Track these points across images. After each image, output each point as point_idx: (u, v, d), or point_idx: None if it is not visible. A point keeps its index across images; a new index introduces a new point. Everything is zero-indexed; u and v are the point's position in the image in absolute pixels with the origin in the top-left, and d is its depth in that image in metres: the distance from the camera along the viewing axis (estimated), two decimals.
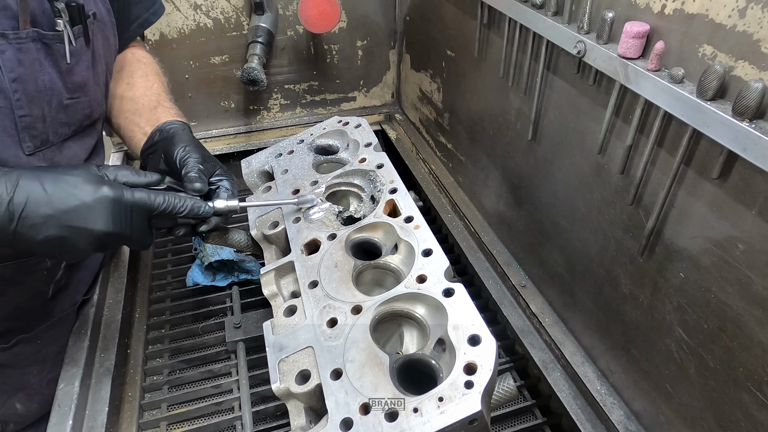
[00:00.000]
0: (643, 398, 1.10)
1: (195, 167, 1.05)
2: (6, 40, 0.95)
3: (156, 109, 1.24)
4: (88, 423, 1.12)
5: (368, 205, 1.16)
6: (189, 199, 1.00)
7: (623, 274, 1.08)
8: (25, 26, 0.97)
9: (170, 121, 1.19)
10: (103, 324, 1.34)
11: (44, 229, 0.86)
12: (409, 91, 2.18)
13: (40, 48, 1.00)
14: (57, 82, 1.05)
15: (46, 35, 1.00)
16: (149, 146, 1.17)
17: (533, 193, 1.38)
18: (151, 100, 1.26)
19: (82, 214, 0.88)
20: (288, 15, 1.99)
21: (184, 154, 1.08)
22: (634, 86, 0.91)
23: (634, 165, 1.00)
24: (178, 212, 0.98)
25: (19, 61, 0.97)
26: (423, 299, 0.92)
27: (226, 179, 1.11)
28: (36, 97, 1.02)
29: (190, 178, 1.04)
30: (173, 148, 1.09)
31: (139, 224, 0.95)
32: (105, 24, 1.18)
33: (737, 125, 0.73)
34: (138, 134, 1.20)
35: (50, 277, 1.24)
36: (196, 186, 1.03)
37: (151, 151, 1.16)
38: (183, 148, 1.09)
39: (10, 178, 0.85)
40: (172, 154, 1.08)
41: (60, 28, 1.01)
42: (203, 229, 1.07)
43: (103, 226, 0.89)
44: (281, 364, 0.89)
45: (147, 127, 1.19)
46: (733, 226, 0.83)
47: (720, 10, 0.79)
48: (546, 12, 1.13)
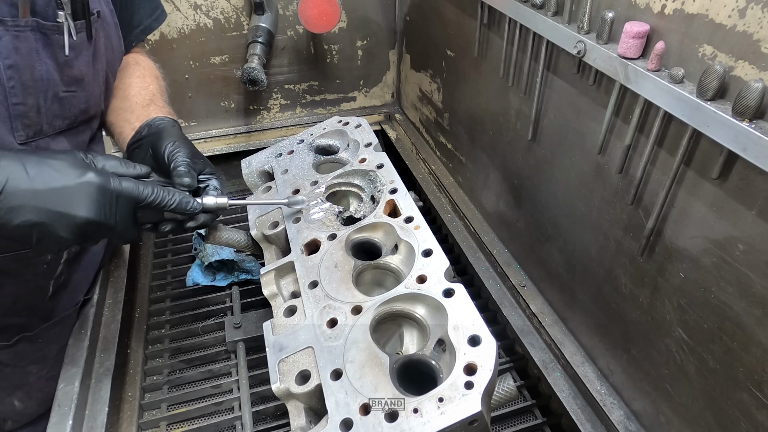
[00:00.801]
0: (643, 398, 1.10)
1: (184, 162, 1.04)
2: (4, 26, 0.95)
3: (148, 106, 1.23)
4: (88, 423, 1.13)
5: (368, 205, 1.16)
6: (177, 194, 0.98)
7: (623, 274, 1.08)
8: (25, 14, 0.96)
9: (160, 117, 1.17)
10: (103, 324, 1.34)
11: (23, 212, 0.82)
12: (409, 91, 2.18)
13: (39, 38, 1.00)
14: (53, 73, 1.04)
15: (45, 25, 1.00)
16: (136, 140, 1.15)
17: (533, 193, 1.38)
18: (144, 99, 1.25)
19: (64, 198, 0.84)
20: (288, 15, 1.99)
21: (173, 149, 1.06)
22: (634, 86, 0.91)
23: (634, 165, 1.00)
24: (165, 205, 0.96)
25: (15, 49, 0.97)
26: (423, 299, 0.92)
27: (214, 178, 1.09)
28: (31, 86, 1.01)
29: (179, 172, 1.02)
30: (161, 143, 1.07)
31: (124, 215, 0.92)
32: (108, 24, 1.18)
33: (737, 125, 0.73)
34: (127, 129, 1.19)
35: (50, 271, 1.23)
36: (185, 180, 1.01)
37: (137, 146, 1.14)
38: (172, 143, 1.07)
39: None
40: (160, 148, 1.06)
41: (61, 19, 1.01)
42: (190, 225, 1.04)
43: (85, 212, 0.86)
44: (281, 365, 0.89)
45: (136, 123, 1.18)
46: (733, 226, 0.83)
47: (720, 10, 0.79)
48: (546, 12, 1.13)
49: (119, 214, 0.91)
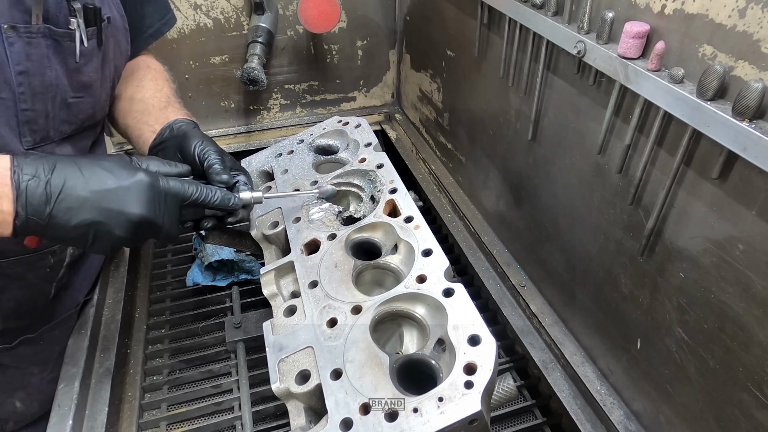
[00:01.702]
0: (643, 398, 1.10)
1: (217, 159, 1.06)
2: (16, 33, 0.96)
3: (166, 108, 1.24)
4: (88, 423, 1.13)
5: (368, 205, 1.16)
6: (219, 191, 1.01)
7: (623, 274, 1.08)
8: (37, 21, 0.97)
9: (180, 119, 1.19)
10: (103, 324, 1.34)
11: (80, 212, 0.85)
12: (409, 91, 2.18)
13: (50, 44, 1.01)
14: (63, 79, 1.05)
15: (57, 32, 1.01)
16: (159, 143, 1.17)
17: (533, 193, 1.38)
18: (160, 101, 1.26)
19: (120, 196, 0.87)
20: (288, 15, 1.99)
21: (203, 148, 1.08)
22: (634, 86, 0.91)
23: (633, 165, 1.00)
24: (209, 202, 0.99)
25: (27, 55, 0.98)
26: (423, 299, 0.92)
27: (242, 173, 1.12)
28: (41, 92, 1.02)
29: (216, 170, 1.04)
30: (189, 143, 1.10)
31: (172, 212, 0.95)
32: (118, 29, 1.19)
33: (737, 125, 0.73)
34: (146, 132, 1.20)
35: (53, 274, 1.24)
36: (224, 178, 1.04)
37: (160, 148, 1.16)
38: (200, 143, 1.09)
39: (47, 160, 0.85)
40: (189, 148, 1.09)
41: (73, 27, 1.02)
42: (231, 221, 1.08)
43: (139, 209, 0.88)
44: (281, 364, 0.89)
45: (156, 125, 1.19)
46: (733, 226, 0.82)
47: (720, 10, 0.79)
48: (546, 12, 1.13)
49: (168, 212, 0.94)
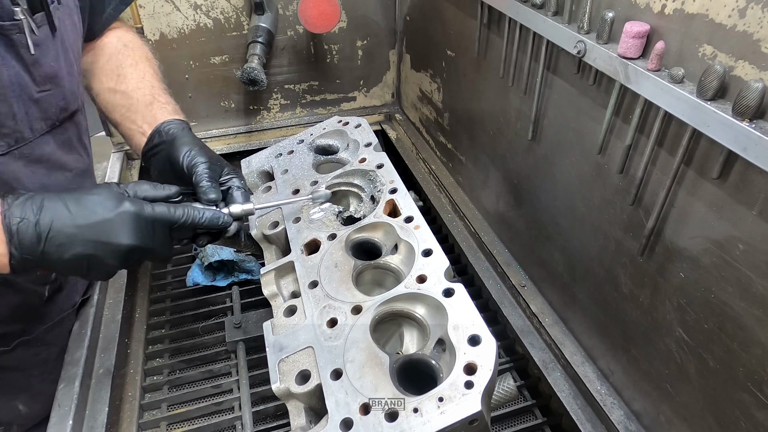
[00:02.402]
0: (643, 398, 1.10)
1: (205, 175, 1.06)
2: None
3: (152, 105, 1.20)
4: (88, 423, 1.12)
5: (368, 205, 1.16)
6: (207, 211, 1.00)
7: (623, 274, 1.08)
8: None
9: (168, 120, 1.17)
10: (103, 324, 1.34)
11: (71, 247, 0.87)
12: (409, 91, 2.18)
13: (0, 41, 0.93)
14: (23, 75, 0.98)
15: (3, 26, 0.92)
16: (150, 148, 1.16)
17: (533, 193, 1.38)
18: (145, 95, 1.22)
19: (106, 229, 0.89)
20: (288, 15, 1.99)
21: (191, 160, 1.08)
22: (634, 86, 0.91)
23: (634, 165, 1.00)
24: (197, 224, 0.99)
25: None
26: (423, 299, 0.92)
27: (234, 177, 1.11)
28: (1, 93, 0.96)
29: (203, 188, 1.04)
30: (178, 153, 1.09)
31: (162, 237, 0.96)
32: (70, 8, 1.10)
33: (737, 125, 0.73)
34: (136, 134, 1.19)
35: (45, 277, 1.23)
36: (211, 197, 1.04)
37: (152, 154, 1.16)
38: (188, 153, 1.08)
39: (35, 201, 0.86)
40: (178, 159, 1.09)
41: (18, 17, 0.93)
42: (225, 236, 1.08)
43: (127, 239, 0.90)
44: (281, 364, 0.89)
45: (144, 126, 1.17)
46: (733, 226, 0.82)
47: (720, 10, 0.79)
48: (546, 12, 1.13)
49: (157, 237, 0.95)
